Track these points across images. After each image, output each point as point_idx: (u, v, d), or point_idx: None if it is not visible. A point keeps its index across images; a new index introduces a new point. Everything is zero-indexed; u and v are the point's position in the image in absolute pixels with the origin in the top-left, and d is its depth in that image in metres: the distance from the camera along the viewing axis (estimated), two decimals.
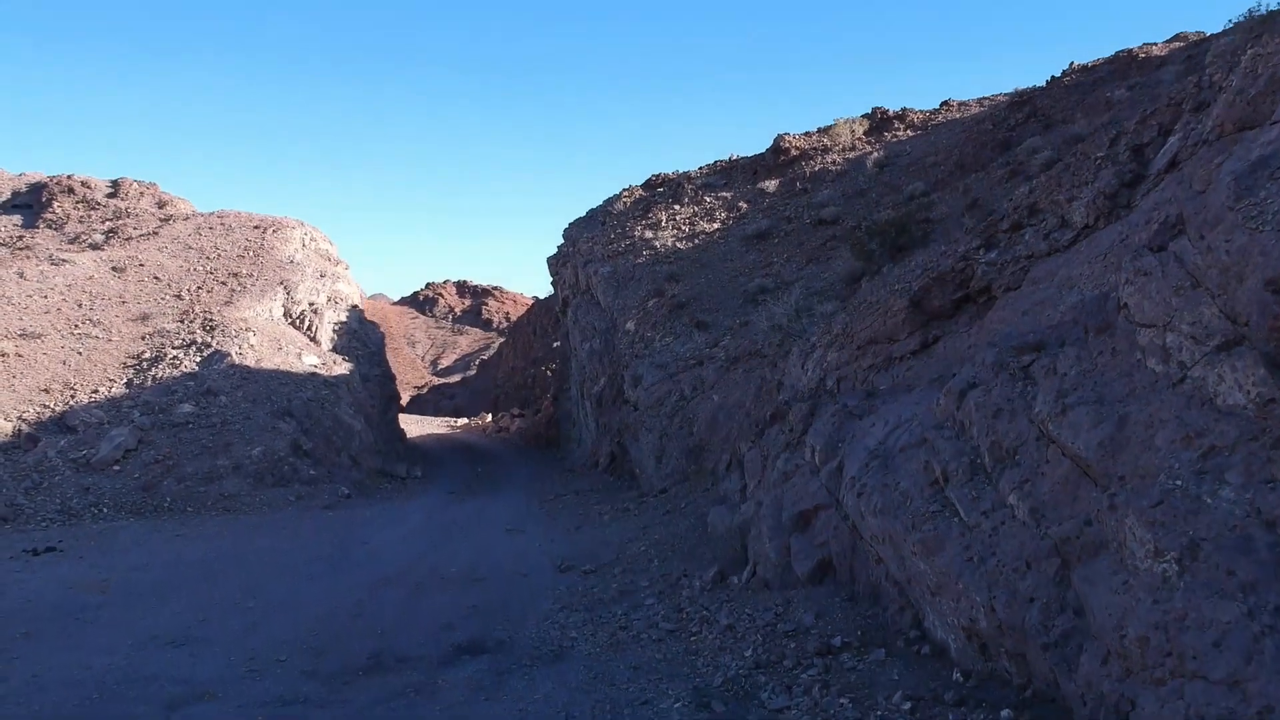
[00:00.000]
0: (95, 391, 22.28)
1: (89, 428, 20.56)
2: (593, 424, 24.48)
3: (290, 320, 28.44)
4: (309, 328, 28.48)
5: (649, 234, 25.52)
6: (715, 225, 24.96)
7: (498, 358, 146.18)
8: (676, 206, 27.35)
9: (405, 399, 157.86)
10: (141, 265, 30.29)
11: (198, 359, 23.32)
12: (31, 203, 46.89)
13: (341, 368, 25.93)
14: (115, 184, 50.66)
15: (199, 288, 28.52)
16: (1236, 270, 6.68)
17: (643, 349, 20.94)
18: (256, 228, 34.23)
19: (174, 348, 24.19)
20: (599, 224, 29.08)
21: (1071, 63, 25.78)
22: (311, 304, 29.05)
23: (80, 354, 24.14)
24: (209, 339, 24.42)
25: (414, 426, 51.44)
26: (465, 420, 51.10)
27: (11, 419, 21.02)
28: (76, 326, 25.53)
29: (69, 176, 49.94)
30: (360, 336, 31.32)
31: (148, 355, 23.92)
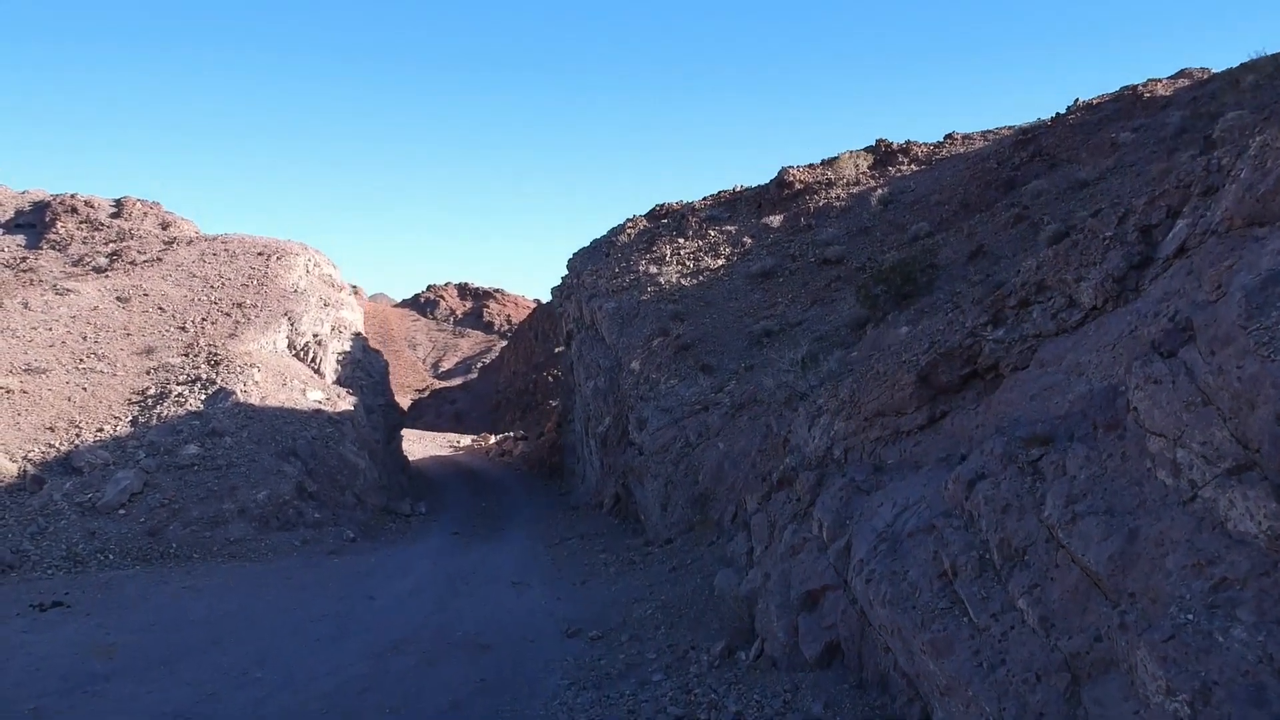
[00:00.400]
0: (100, 430, 22.30)
1: (94, 469, 20.58)
2: (597, 462, 24.50)
3: (295, 352, 28.47)
4: (313, 359, 28.51)
5: (653, 269, 25.53)
6: (720, 261, 24.98)
7: (499, 362, 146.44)
8: (681, 240, 27.38)
9: (406, 402, 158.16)
10: (146, 295, 30.32)
11: (203, 396, 23.34)
12: (35, 222, 47.06)
13: (345, 402, 25.95)
14: (119, 203, 50.81)
15: (203, 319, 28.55)
16: (1248, 397, 6.70)
17: (648, 390, 20.95)
18: (260, 254, 34.27)
19: (179, 383, 24.22)
20: (603, 255, 29.10)
21: (1076, 99, 25.83)
22: (315, 335, 29.08)
23: (85, 389, 24.17)
24: (214, 375, 24.44)
25: (416, 445, 51.55)
26: (468, 440, 51.06)
27: (17, 459, 21.05)
28: (81, 361, 25.55)
29: (72, 196, 50.09)
30: (364, 366, 31.35)
31: (152, 391, 23.94)
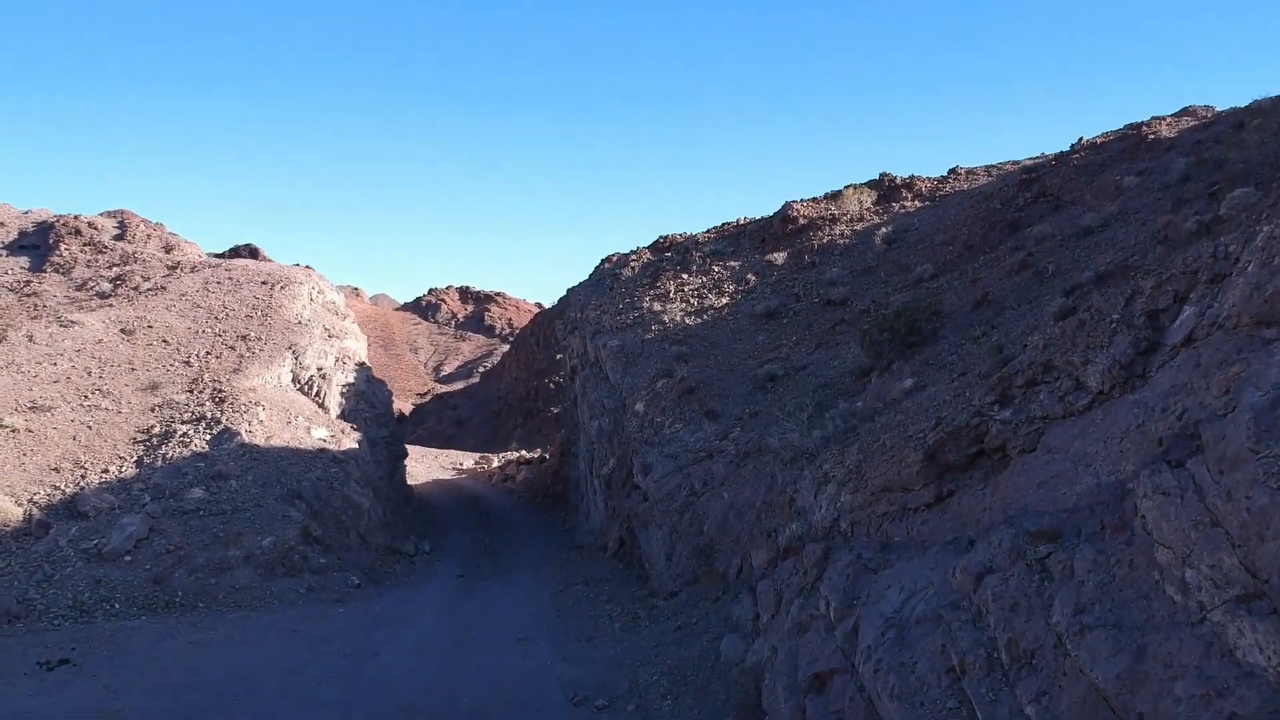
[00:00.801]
0: (105, 471, 22.34)
1: (100, 513, 20.63)
2: (601, 503, 24.53)
3: (299, 386, 28.53)
4: (317, 393, 28.57)
5: (657, 306, 25.58)
6: (724, 300, 25.02)
7: (500, 367, 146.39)
8: (685, 275, 27.42)
9: (408, 407, 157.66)
10: (150, 327, 30.38)
11: (207, 436, 23.39)
12: (39, 243, 47.15)
13: (350, 439, 25.98)
14: (121, 225, 50.91)
15: (208, 353, 28.60)
16: (1258, 529, 6.74)
17: (652, 435, 20.98)
18: (264, 283, 34.34)
19: (183, 422, 24.27)
20: (607, 289, 29.14)
21: (1080, 138, 25.87)
22: (320, 369, 29.14)
23: (90, 428, 24.22)
24: (218, 413, 24.49)
25: (419, 465, 51.52)
26: (470, 462, 51.05)
27: (23, 502, 21.09)
28: (86, 397, 25.60)
29: (75, 217, 50.18)
30: (367, 397, 31.40)
31: (157, 430, 23.99)
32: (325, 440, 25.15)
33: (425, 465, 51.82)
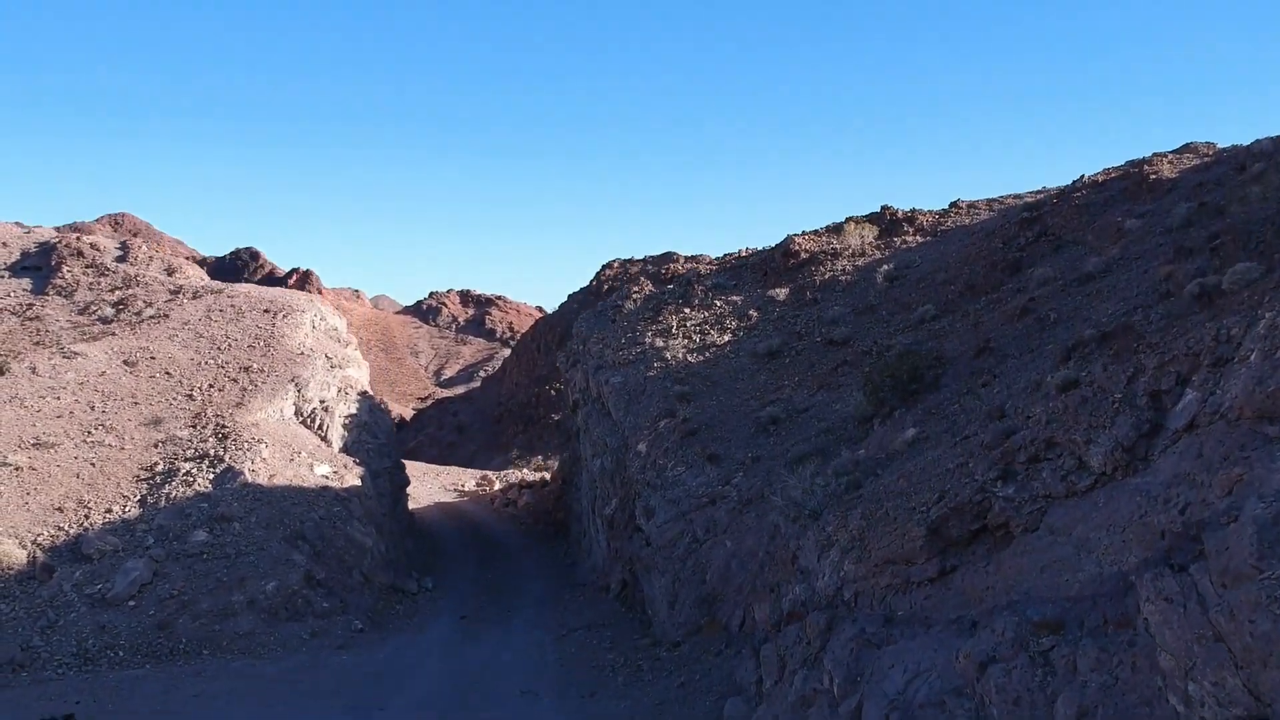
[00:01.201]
0: (109, 511, 22.40)
1: (104, 556, 20.67)
2: (603, 541, 24.58)
3: (302, 419, 28.58)
4: (320, 426, 28.62)
5: (659, 342, 25.65)
6: (726, 337, 25.09)
7: (501, 373, 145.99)
8: (687, 310, 27.49)
9: (409, 412, 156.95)
10: (153, 358, 30.44)
11: (211, 475, 23.45)
12: (41, 264, 47.24)
13: (352, 475, 26.03)
14: (124, 246, 50.99)
15: (210, 385, 28.66)
16: (1261, 654, 6.79)
17: (654, 477, 21.04)
18: (266, 311, 34.42)
19: (187, 459, 24.33)
20: (609, 321, 29.23)
21: (1082, 176, 25.96)
22: (322, 401, 29.20)
23: (94, 465, 24.27)
24: (221, 450, 24.55)
25: (419, 486, 51.42)
26: (472, 483, 51.09)
27: (27, 544, 21.14)
28: (90, 433, 25.66)
29: (78, 237, 50.29)
30: (370, 428, 31.45)
31: (161, 468, 24.04)
32: (328, 477, 25.20)
33: (427, 487, 51.78)
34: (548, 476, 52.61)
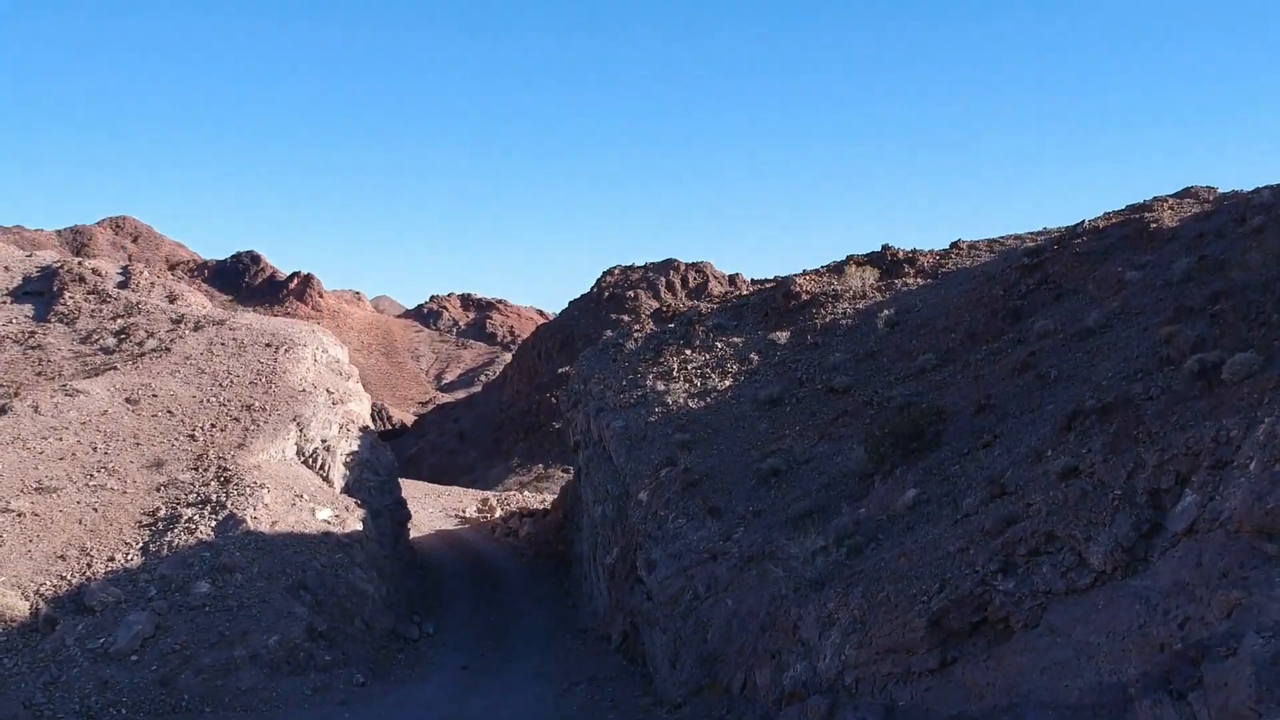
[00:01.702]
0: (111, 559, 22.45)
1: (106, 608, 20.72)
2: (604, 589, 24.65)
3: (304, 459, 28.66)
4: (321, 466, 28.69)
5: (660, 386, 25.71)
6: (728, 381, 25.16)
7: (502, 379, 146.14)
8: (688, 351, 27.59)
9: (409, 417, 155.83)
10: (155, 396, 30.50)
11: (213, 523, 23.50)
12: (43, 290, 47.33)
13: (354, 517, 26.11)
14: (125, 271, 51.07)
15: (212, 425, 28.74)
16: None
17: (655, 529, 21.10)
18: (268, 345, 34.50)
19: (188, 504, 24.39)
20: (610, 360, 29.31)
21: (1083, 221, 26.05)
22: (324, 440, 29.28)
23: (96, 510, 24.34)
24: (223, 495, 24.61)
25: (420, 511, 51.40)
26: (473, 508, 51.06)
27: (29, 595, 21.19)
28: (92, 476, 25.73)
29: (79, 262, 50.37)
30: (371, 465, 31.53)
31: (163, 513, 24.11)
32: (329, 521, 25.27)
33: (428, 510, 51.82)
34: (548, 503, 52.74)
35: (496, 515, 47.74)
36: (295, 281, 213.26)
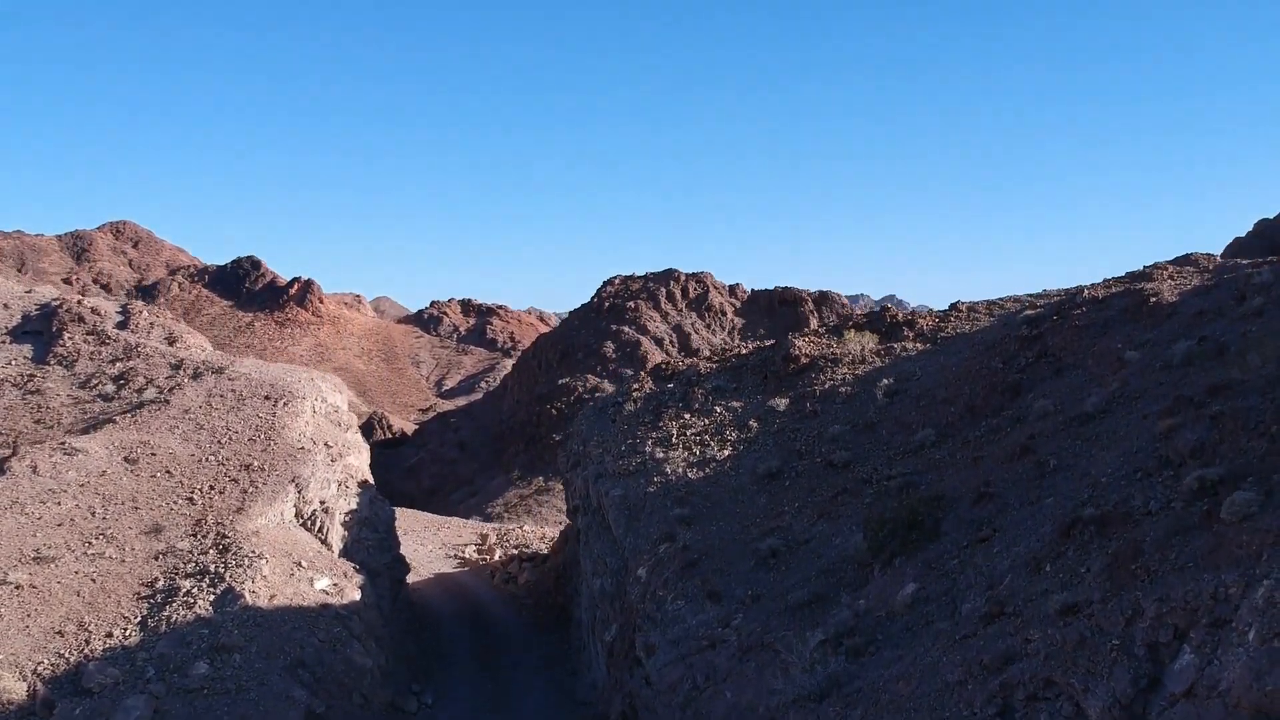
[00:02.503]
0: (110, 635, 22.41)
1: (104, 689, 20.67)
2: (602, 665, 24.61)
3: (302, 521, 28.65)
4: (320, 529, 28.68)
5: (660, 453, 25.71)
6: (727, 451, 25.15)
7: (502, 389, 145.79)
8: (687, 415, 27.58)
9: (410, 425, 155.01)
10: (154, 454, 30.47)
11: (211, 596, 23.46)
12: (42, 329, 47.35)
13: (353, 585, 26.08)
14: (124, 310, 51.09)
15: (211, 487, 28.71)
16: None
17: (654, 609, 21.08)
18: (267, 398, 34.47)
19: (187, 575, 24.35)
20: (609, 421, 29.31)
21: (1082, 289, 26.04)
22: (322, 502, 29.27)
23: (94, 581, 24.30)
24: (221, 566, 24.58)
25: (419, 546, 51.47)
26: (472, 548, 50.96)
27: (27, 675, 21.14)
28: (90, 544, 25.70)
29: (79, 301, 50.37)
30: (370, 522, 31.52)
31: (161, 584, 24.08)
32: (328, 591, 25.24)
33: (427, 549, 51.77)
34: (547, 538, 52.71)
35: (496, 557, 47.67)
36: (296, 287, 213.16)
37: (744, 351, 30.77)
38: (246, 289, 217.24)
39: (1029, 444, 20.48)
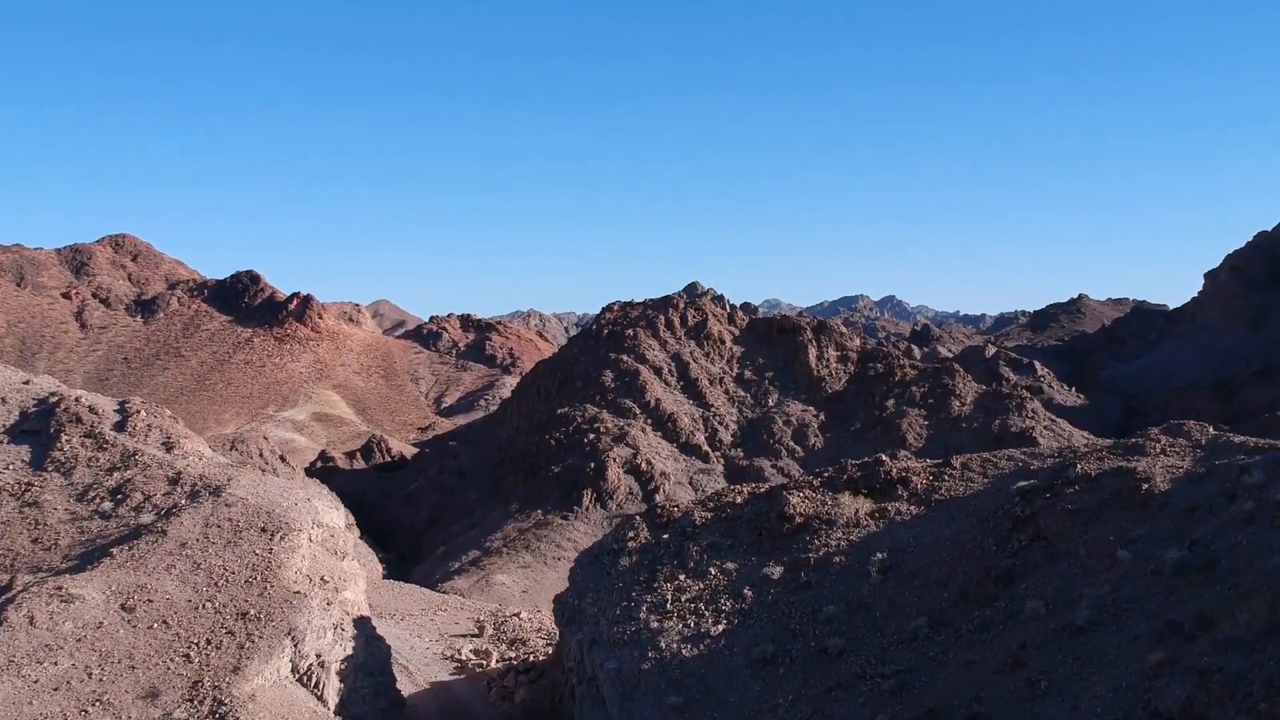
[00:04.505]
0: None
1: None
2: None
3: (298, 676, 28.67)
4: (316, 684, 28.73)
5: (655, 623, 25.80)
6: (721, 625, 25.25)
7: (501, 414, 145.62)
8: (682, 576, 27.69)
9: (409, 447, 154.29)
10: (150, 601, 30.50)
11: None
12: (40, 428, 47.48)
13: None
14: (122, 409, 51.16)
15: (208, 641, 28.75)
16: None
17: None
18: (264, 530, 34.48)
19: None
20: (605, 573, 29.42)
21: (1076, 465, 26.19)
22: (319, 655, 29.31)
23: None
24: None
25: (413, 635, 51.35)
26: (469, 649, 50.69)
27: None
28: (86, 712, 25.74)
29: (77, 400, 50.41)
30: (366, 668, 31.53)
31: None
32: None
33: (424, 641, 51.67)
34: (542, 639, 52.71)
35: (493, 661, 47.60)
36: (295, 302, 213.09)
37: (739, 501, 30.86)
38: (245, 304, 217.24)
39: (1020, 655, 20.61)
